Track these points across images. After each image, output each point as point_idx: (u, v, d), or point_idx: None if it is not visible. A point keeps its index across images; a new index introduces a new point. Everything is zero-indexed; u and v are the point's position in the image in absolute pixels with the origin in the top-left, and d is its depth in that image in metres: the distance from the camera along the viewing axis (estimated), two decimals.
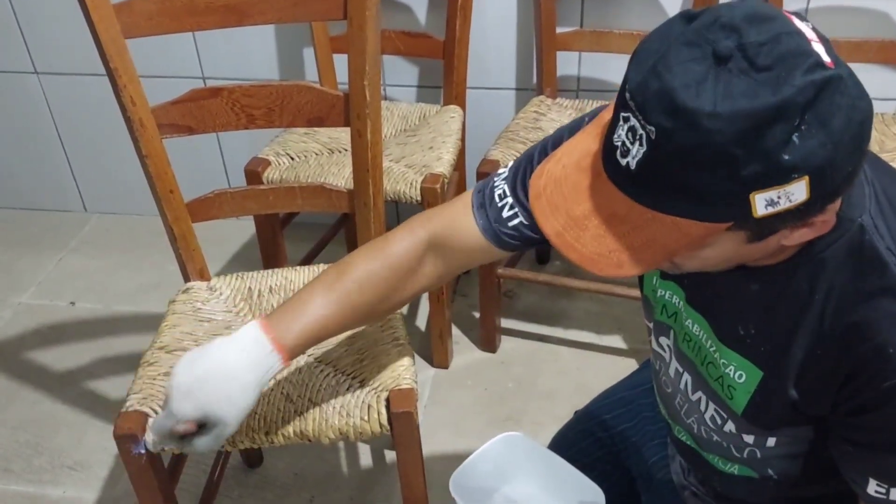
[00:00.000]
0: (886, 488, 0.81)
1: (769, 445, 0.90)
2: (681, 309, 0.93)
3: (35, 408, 1.87)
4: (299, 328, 0.97)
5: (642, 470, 1.20)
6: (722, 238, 0.71)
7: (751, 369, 0.86)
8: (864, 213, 0.77)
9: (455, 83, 1.88)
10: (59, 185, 2.47)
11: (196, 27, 1.26)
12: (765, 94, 0.63)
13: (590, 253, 0.73)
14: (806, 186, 0.65)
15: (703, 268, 0.79)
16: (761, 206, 0.66)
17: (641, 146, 0.67)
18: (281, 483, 1.68)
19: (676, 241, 0.70)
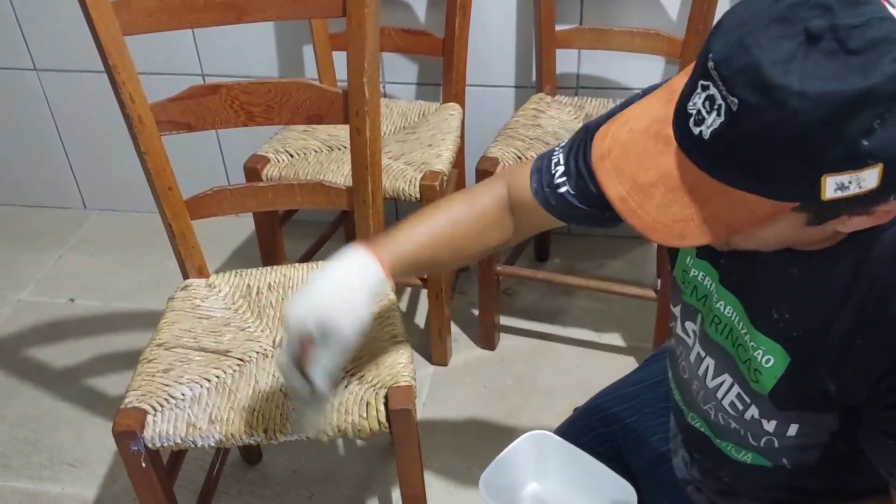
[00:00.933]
0: None
1: (790, 434, 0.89)
2: (712, 291, 0.92)
3: (34, 404, 1.87)
4: (398, 249, 1.01)
5: (643, 465, 1.20)
6: (783, 218, 0.70)
7: (780, 354, 0.85)
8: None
9: (454, 80, 1.88)
10: (59, 182, 2.47)
11: (195, 24, 1.26)
12: (854, 79, 0.62)
13: (652, 221, 0.72)
14: (879, 174, 0.64)
15: (757, 247, 0.77)
16: (831, 189, 0.64)
17: (719, 116, 0.66)
18: (280, 480, 1.68)
19: (742, 217, 0.69)
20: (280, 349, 0.97)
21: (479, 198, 1.08)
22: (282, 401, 1.19)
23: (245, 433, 1.16)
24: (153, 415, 1.18)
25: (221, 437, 1.16)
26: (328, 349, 0.95)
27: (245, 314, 1.36)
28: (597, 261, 2.16)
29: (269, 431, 1.16)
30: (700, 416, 1.01)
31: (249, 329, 1.33)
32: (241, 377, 1.24)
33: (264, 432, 1.16)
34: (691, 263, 0.95)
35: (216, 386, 1.22)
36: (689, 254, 0.95)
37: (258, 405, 1.18)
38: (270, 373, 1.24)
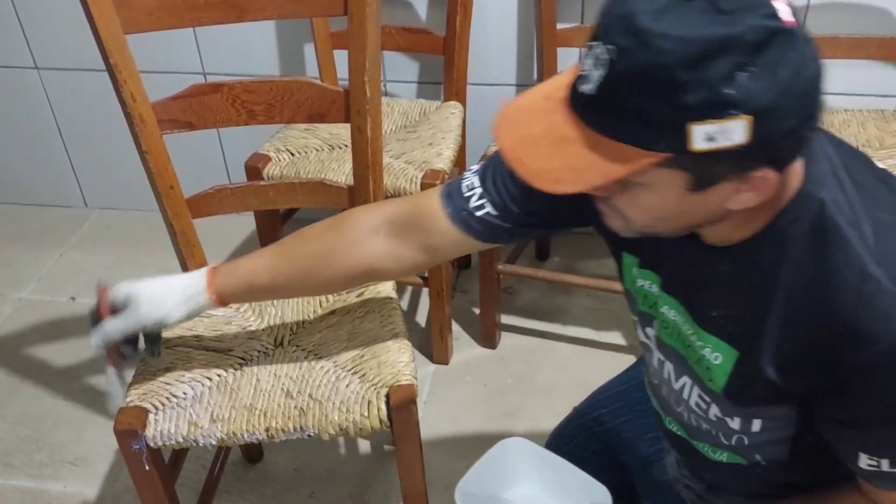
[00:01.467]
0: (877, 460, 0.82)
1: (755, 430, 0.90)
2: (657, 296, 0.95)
3: (36, 403, 1.87)
4: (235, 272, 1.11)
5: (638, 464, 1.21)
6: (662, 178, 0.72)
7: (726, 350, 0.87)
8: (825, 190, 0.78)
9: (455, 79, 1.88)
10: (60, 180, 2.48)
11: (196, 22, 1.26)
12: (717, 27, 0.65)
13: (535, 168, 0.75)
14: (746, 127, 0.66)
15: (650, 221, 0.79)
16: (699, 139, 0.67)
17: (601, 69, 0.69)
18: (281, 478, 1.68)
19: (616, 167, 0.71)
20: None
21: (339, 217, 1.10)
22: (283, 399, 1.19)
23: (246, 432, 1.16)
24: (154, 413, 1.18)
25: (223, 436, 1.16)
26: (119, 318, 1.09)
27: (246, 313, 1.36)
28: (597, 259, 2.16)
29: (270, 430, 1.16)
30: (675, 419, 1.02)
31: (251, 328, 1.33)
32: (242, 376, 1.24)
33: (265, 431, 1.16)
34: (636, 274, 0.97)
35: (217, 385, 1.23)
36: (633, 265, 0.97)
37: (259, 404, 1.18)
38: (272, 371, 1.24)
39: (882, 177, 0.84)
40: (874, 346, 0.76)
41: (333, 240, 1.08)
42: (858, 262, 0.76)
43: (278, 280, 1.09)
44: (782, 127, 0.68)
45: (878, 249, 0.76)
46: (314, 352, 1.27)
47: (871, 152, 1.66)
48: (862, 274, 0.76)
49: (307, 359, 1.26)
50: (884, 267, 0.76)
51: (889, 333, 0.75)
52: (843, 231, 0.77)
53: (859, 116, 1.77)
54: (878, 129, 1.73)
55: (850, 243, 0.77)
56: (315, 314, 1.36)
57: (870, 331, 0.76)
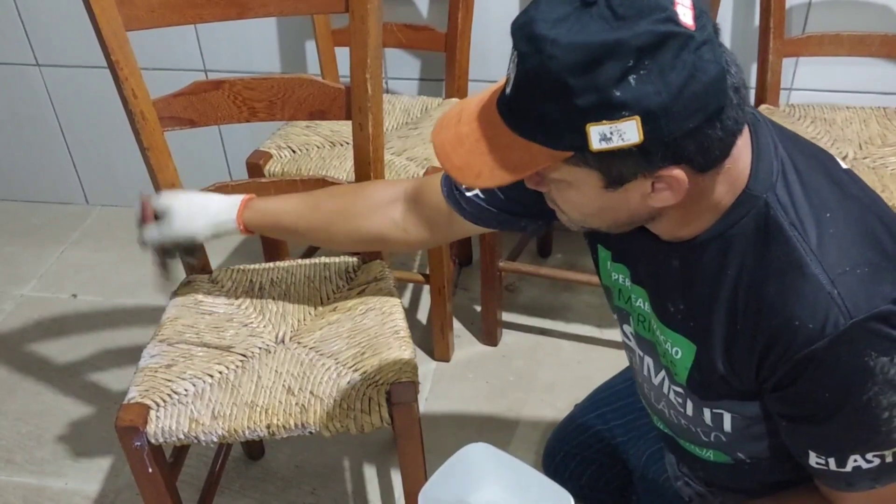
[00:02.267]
0: (825, 459, 0.84)
1: (727, 428, 0.91)
2: (630, 289, 0.97)
3: (37, 400, 1.87)
4: (265, 207, 1.20)
5: (638, 462, 1.21)
6: (577, 176, 0.75)
7: (685, 344, 0.89)
8: (770, 190, 0.80)
9: (457, 76, 1.88)
10: (61, 177, 2.48)
11: (197, 19, 1.26)
12: (605, 34, 0.68)
13: (459, 163, 0.79)
14: (637, 127, 0.69)
15: (582, 216, 0.83)
16: (596, 139, 0.70)
17: (513, 73, 0.73)
18: (282, 475, 1.68)
19: (527, 163, 0.75)
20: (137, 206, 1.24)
21: (375, 185, 1.20)
22: (284, 396, 1.19)
23: (248, 428, 1.16)
24: (156, 410, 1.18)
25: (224, 433, 1.16)
26: (156, 227, 1.22)
27: (248, 310, 1.36)
28: None
29: (271, 427, 1.16)
30: (660, 417, 1.03)
31: (252, 325, 1.33)
32: (243, 373, 1.24)
33: (267, 428, 1.16)
34: (611, 268, 1.00)
35: (219, 381, 1.23)
36: (608, 259, 0.99)
37: (261, 400, 1.18)
38: (273, 368, 1.24)
39: (837, 178, 0.85)
40: (811, 345, 0.77)
41: (354, 202, 1.17)
42: (799, 262, 0.78)
43: (299, 225, 1.19)
44: (678, 128, 0.70)
45: (819, 251, 0.78)
46: (316, 349, 1.27)
47: (873, 149, 1.65)
48: (801, 273, 0.78)
49: (308, 356, 1.26)
50: (823, 268, 0.77)
51: (824, 333, 0.76)
52: (786, 231, 0.79)
53: (861, 114, 1.77)
54: (881, 126, 1.73)
55: (791, 243, 0.79)
56: (316, 311, 1.36)
57: (807, 330, 0.77)
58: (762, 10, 1.72)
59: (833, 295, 0.76)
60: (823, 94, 1.90)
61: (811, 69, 1.90)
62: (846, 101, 1.84)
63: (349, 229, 1.16)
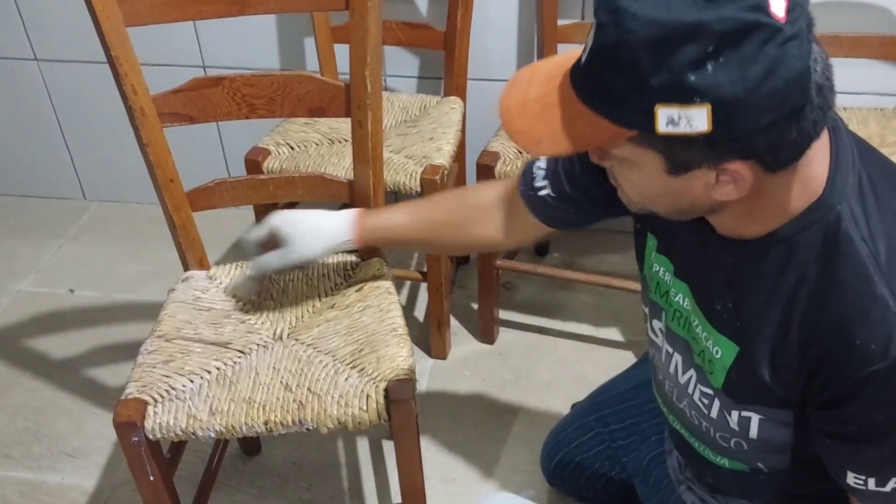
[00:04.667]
0: (864, 479, 0.82)
1: (752, 435, 0.90)
2: (669, 284, 0.95)
3: (34, 395, 1.87)
4: (379, 222, 1.22)
5: (639, 465, 1.21)
6: (641, 156, 0.74)
7: (727, 345, 0.87)
8: (845, 202, 0.77)
9: (456, 74, 1.88)
10: (59, 172, 2.47)
11: (198, 16, 1.26)
12: (688, 13, 0.65)
13: (521, 128, 0.78)
14: (707, 116, 0.66)
15: (642, 198, 0.81)
16: (663, 122, 0.68)
17: (591, 42, 0.72)
18: (279, 472, 1.69)
19: (589, 136, 0.74)
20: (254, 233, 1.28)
21: (475, 190, 1.19)
22: (282, 392, 1.19)
23: (245, 425, 1.16)
24: (154, 406, 1.18)
25: (221, 429, 1.16)
26: (275, 255, 1.24)
27: (246, 306, 1.36)
28: (596, 255, 2.17)
29: (268, 423, 1.16)
30: (678, 417, 1.02)
31: (250, 321, 1.33)
32: (241, 369, 1.24)
33: (264, 424, 1.16)
34: (654, 259, 0.98)
35: (216, 378, 1.23)
36: (654, 248, 0.98)
37: (258, 397, 1.19)
38: (271, 365, 1.24)
39: None
40: (870, 366, 0.75)
41: (462, 212, 1.19)
42: (866, 279, 0.75)
43: (410, 237, 1.23)
44: (751, 123, 0.67)
45: (888, 269, 0.75)
46: (313, 345, 1.27)
47: None
48: (868, 292, 0.75)
49: (306, 352, 1.26)
50: (891, 289, 0.75)
51: (887, 355, 0.74)
52: (856, 246, 0.76)
53: (859, 114, 1.77)
54: (879, 126, 1.73)
55: (860, 259, 0.76)
56: (314, 308, 1.36)
57: (867, 350, 0.75)
58: None
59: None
60: None
61: None
62: (844, 102, 1.85)
63: (458, 237, 1.19)
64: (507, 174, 1.67)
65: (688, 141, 0.69)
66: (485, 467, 1.65)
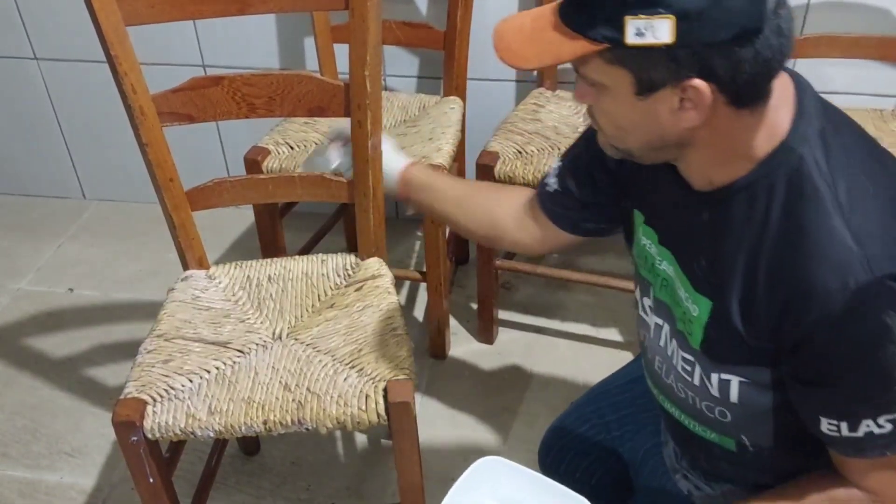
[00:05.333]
0: (837, 424, 0.84)
1: (733, 399, 0.91)
2: (654, 254, 0.98)
3: (33, 393, 1.87)
4: (425, 171, 1.27)
5: (636, 456, 1.22)
6: (612, 77, 0.78)
7: (703, 302, 0.89)
8: (807, 146, 0.80)
9: (455, 74, 1.88)
10: (59, 171, 2.47)
11: (197, 15, 1.26)
12: None
13: (513, 47, 0.85)
14: (671, 27, 0.71)
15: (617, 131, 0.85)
16: (631, 33, 0.73)
17: None
18: (278, 471, 1.69)
19: (566, 51, 0.79)
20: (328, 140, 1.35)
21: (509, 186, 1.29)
22: (281, 392, 1.19)
23: (244, 424, 1.16)
24: (153, 405, 1.18)
25: (221, 429, 1.16)
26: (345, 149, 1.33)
27: (245, 306, 1.37)
28: (595, 256, 2.17)
29: (268, 423, 1.16)
30: (667, 396, 1.04)
31: (249, 321, 1.34)
32: (240, 369, 1.24)
33: (263, 424, 1.16)
34: (641, 233, 1.01)
35: (216, 377, 1.23)
36: (641, 222, 1.00)
37: (257, 396, 1.19)
38: (270, 364, 1.24)
39: (878, 154, 0.85)
40: (830, 303, 0.77)
41: (493, 190, 1.28)
42: (826, 220, 0.78)
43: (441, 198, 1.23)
44: (710, 35, 0.72)
45: (848, 210, 0.78)
46: (312, 345, 1.28)
47: None
48: (828, 231, 0.78)
49: (305, 352, 1.26)
50: (850, 227, 0.78)
51: (845, 291, 0.77)
52: (817, 187, 0.79)
53: (858, 115, 1.76)
54: (877, 128, 1.73)
55: (821, 200, 0.79)
56: (313, 308, 1.36)
57: (827, 287, 0.77)
58: None
59: (856, 253, 0.76)
60: None
61: (808, 70, 1.87)
62: (842, 103, 1.82)
63: (477, 211, 1.21)
64: (506, 174, 1.68)
65: (653, 55, 0.73)
66: None
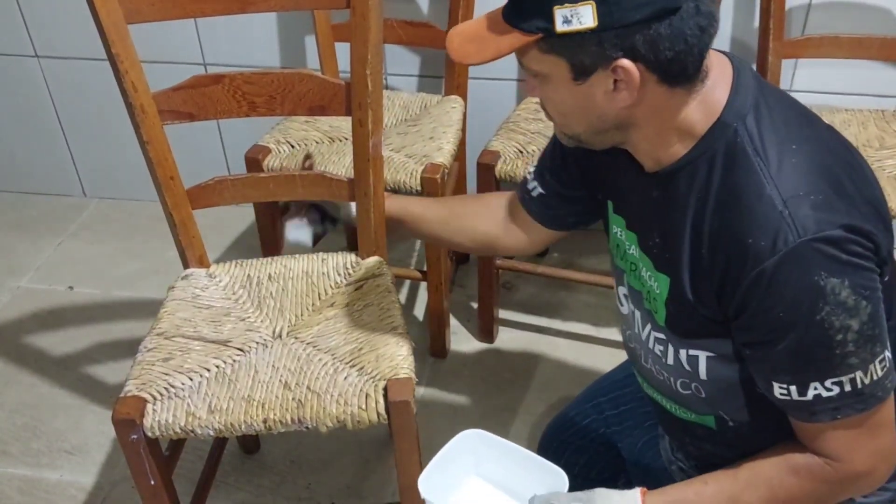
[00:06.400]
0: (787, 388, 0.86)
1: (703, 375, 0.94)
2: (624, 240, 1.01)
3: (33, 391, 1.87)
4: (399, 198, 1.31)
5: (633, 450, 1.23)
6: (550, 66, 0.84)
7: (662, 278, 0.93)
8: (740, 120, 0.85)
9: (456, 73, 1.88)
10: (59, 169, 2.47)
11: (198, 13, 1.25)
12: None
13: (461, 48, 0.89)
14: (592, 12, 0.78)
15: (563, 118, 0.91)
16: (559, 21, 0.79)
17: None
18: (278, 470, 1.69)
19: (504, 45, 0.85)
20: None
21: (489, 194, 1.29)
22: (281, 391, 1.19)
23: (244, 423, 1.16)
24: (153, 404, 1.18)
25: (221, 427, 1.16)
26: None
27: (245, 304, 1.37)
28: (595, 256, 2.17)
29: (268, 421, 1.16)
30: (648, 381, 1.06)
31: (249, 319, 1.33)
32: (240, 367, 1.24)
33: (263, 422, 1.16)
34: (613, 221, 1.04)
35: (216, 376, 1.23)
36: (611, 215, 1.04)
37: (258, 395, 1.19)
38: (270, 363, 1.24)
39: (813, 122, 0.90)
40: (762, 262, 0.81)
41: (473, 203, 1.28)
42: (757, 184, 0.82)
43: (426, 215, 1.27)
44: (629, 17, 0.77)
45: (777, 175, 0.82)
46: (313, 344, 1.28)
47: (871, 152, 1.66)
48: (758, 194, 0.82)
49: (306, 351, 1.26)
50: (779, 191, 0.81)
51: (775, 250, 0.80)
52: (749, 156, 0.84)
53: (860, 116, 1.77)
54: (879, 129, 1.73)
55: (752, 167, 0.83)
56: (314, 306, 1.36)
57: (759, 248, 0.81)
58: (762, 10, 1.73)
59: (784, 215, 0.80)
60: (822, 96, 1.90)
61: (810, 71, 1.90)
62: (844, 104, 1.85)
63: (465, 227, 1.24)
64: (507, 173, 1.68)
65: (581, 40, 0.79)
66: None
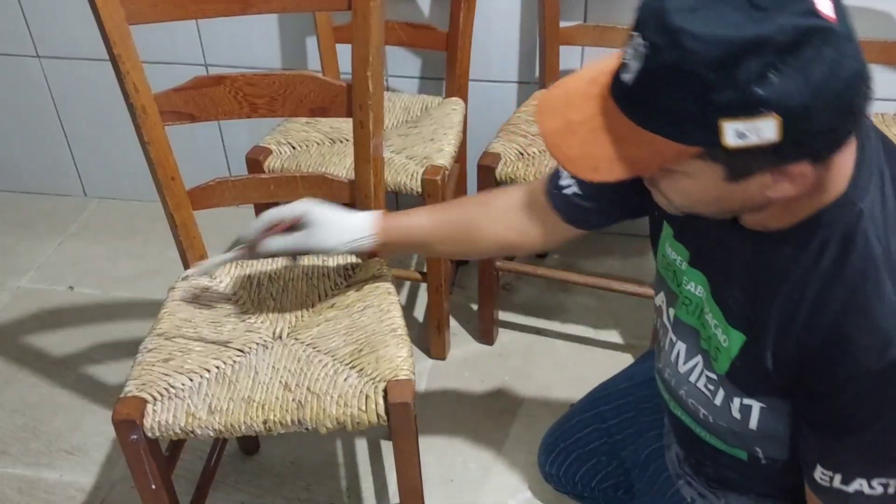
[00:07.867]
0: (830, 476, 0.84)
1: (752, 426, 0.91)
2: (683, 271, 0.96)
3: (33, 391, 1.87)
4: (400, 222, 1.21)
5: (637, 460, 1.22)
6: (698, 168, 0.73)
7: (735, 334, 0.88)
8: (867, 199, 0.78)
9: (457, 75, 1.88)
10: (60, 169, 2.47)
11: (200, 14, 1.26)
12: (748, 27, 0.65)
13: (573, 155, 0.77)
14: (777, 126, 0.67)
15: (691, 204, 0.81)
16: (731, 136, 0.68)
17: (638, 62, 0.71)
18: (277, 471, 1.69)
19: (650, 158, 0.74)
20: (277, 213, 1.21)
21: (495, 193, 1.19)
22: (281, 392, 1.19)
23: (244, 424, 1.16)
24: (153, 404, 1.18)
25: (220, 428, 1.16)
26: (290, 238, 1.18)
27: (245, 305, 1.37)
28: (596, 258, 2.17)
29: (267, 422, 1.16)
30: (679, 404, 1.03)
31: (250, 320, 1.33)
32: (240, 368, 1.24)
33: (263, 423, 1.16)
34: (670, 246, 0.99)
35: (216, 376, 1.23)
36: (669, 236, 0.98)
37: (258, 396, 1.19)
38: (270, 364, 1.24)
39: None
40: (866, 363, 0.76)
41: (479, 213, 1.18)
42: (874, 277, 0.76)
43: (429, 238, 1.21)
44: (816, 126, 0.68)
45: None
46: (313, 345, 1.28)
47: None
48: (875, 290, 0.76)
49: (306, 352, 1.26)
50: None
51: (884, 357, 0.75)
52: (870, 243, 0.77)
53: None
54: None
55: (872, 256, 0.77)
56: (314, 308, 1.36)
57: (866, 348, 0.76)
58: None
59: None
60: None
61: None
62: None
63: (476, 240, 1.17)
64: (507, 176, 1.67)
65: (754, 150, 0.69)
66: (483, 468, 1.65)
